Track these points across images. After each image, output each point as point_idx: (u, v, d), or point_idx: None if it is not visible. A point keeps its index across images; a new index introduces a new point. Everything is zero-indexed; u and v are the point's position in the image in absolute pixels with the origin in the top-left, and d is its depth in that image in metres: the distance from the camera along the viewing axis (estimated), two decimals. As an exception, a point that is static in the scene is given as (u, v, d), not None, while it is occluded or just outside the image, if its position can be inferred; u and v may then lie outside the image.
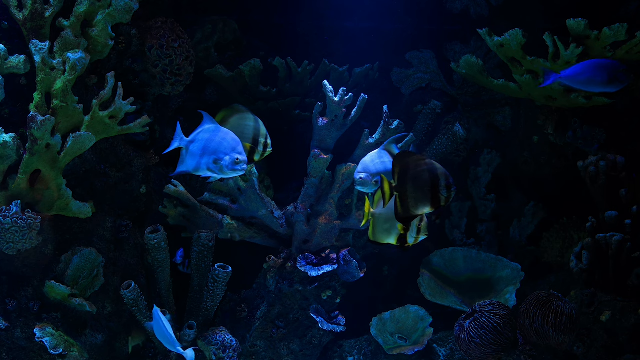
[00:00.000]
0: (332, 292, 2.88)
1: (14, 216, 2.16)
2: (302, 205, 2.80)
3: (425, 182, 2.01)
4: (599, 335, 2.44)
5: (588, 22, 2.43)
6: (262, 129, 2.31)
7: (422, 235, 2.24)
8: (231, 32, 3.13)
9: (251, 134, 2.30)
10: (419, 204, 2.04)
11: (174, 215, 2.79)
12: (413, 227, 2.22)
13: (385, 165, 2.31)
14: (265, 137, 2.31)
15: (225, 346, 2.57)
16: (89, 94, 2.42)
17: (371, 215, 2.27)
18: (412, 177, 2.03)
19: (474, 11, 3.22)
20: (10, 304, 2.35)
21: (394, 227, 2.23)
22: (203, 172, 2.17)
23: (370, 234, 2.30)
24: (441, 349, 2.95)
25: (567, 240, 3.06)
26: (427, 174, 2.01)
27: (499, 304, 2.44)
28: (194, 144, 2.17)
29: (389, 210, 2.20)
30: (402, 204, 2.06)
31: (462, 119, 3.23)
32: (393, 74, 3.39)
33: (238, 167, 2.13)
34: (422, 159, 2.04)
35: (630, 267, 2.50)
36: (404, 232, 2.23)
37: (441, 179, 2.00)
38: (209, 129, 2.18)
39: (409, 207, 2.06)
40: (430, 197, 2.01)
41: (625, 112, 2.85)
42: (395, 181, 2.05)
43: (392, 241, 2.26)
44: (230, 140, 2.15)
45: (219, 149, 2.13)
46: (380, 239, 2.28)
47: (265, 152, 2.32)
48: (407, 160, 2.05)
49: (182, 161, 2.19)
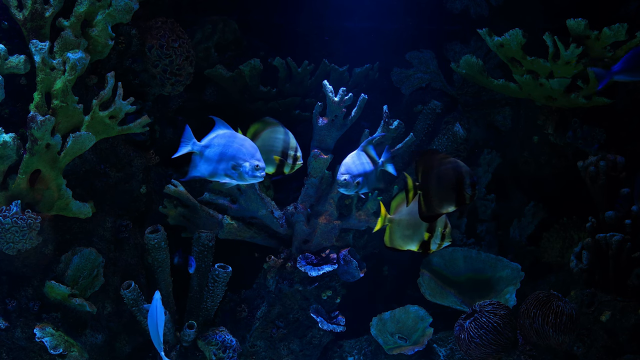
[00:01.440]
0: (332, 292, 2.88)
1: (14, 216, 2.16)
2: (302, 205, 2.80)
3: (450, 180, 1.99)
4: (599, 335, 2.44)
5: (588, 22, 2.43)
6: (292, 141, 2.31)
7: (446, 241, 2.21)
8: (231, 32, 3.13)
9: (280, 146, 2.30)
10: (444, 202, 2.01)
11: (174, 215, 2.79)
12: (437, 233, 2.19)
13: (364, 167, 2.29)
14: (295, 149, 2.30)
15: (225, 346, 2.57)
16: (89, 94, 2.42)
17: (388, 220, 2.23)
18: (436, 175, 2.01)
19: (474, 11, 3.22)
20: (10, 304, 2.35)
21: (416, 234, 2.20)
22: (220, 178, 2.15)
23: (387, 240, 2.26)
24: (441, 349, 2.95)
25: (567, 240, 3.06)
26: (452, 172, 2.00)
27: (499, 304, 2.44)
28: (210, 149, 2.14)
29: (410, 216, 2.17)
30: (426, 202, 2.04)
31: (462, 119, 3.23)
32: (393, 74, 3.38)
33: (258, 174, 2.11)
34: (446, 157, 2.02)
35: (630, 267, 2.50)
36: (428, 239, 2.20)
37: (466, 177, 1.99)
38: (225, 135, 2.16)
39: (433, 205, 2.04)
40: (456, 196, 1.99)
41: (625, 112, 2.85)
42: (419, 179, 2.03)
43: (412, 247, 2.22)
44: (249, 147, 2.13)
45: (237, 155, 2.11)
46: (398, 245, 2.24)
47: (295, 165, 2.31)
48: (431, 158, 2.03)
49: (195, 166, 2.16)
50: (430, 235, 2.19)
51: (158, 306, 2.26)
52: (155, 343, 2.26)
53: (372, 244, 3.21)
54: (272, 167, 2.32)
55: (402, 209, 2.24)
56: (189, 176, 2.18)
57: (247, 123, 2.43)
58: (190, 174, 2.18)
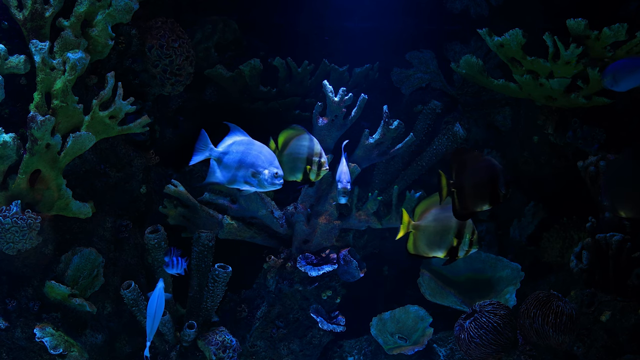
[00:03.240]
0: (332, 292, 2.88)
1: (14, 216, 2.16)
2: (302, 205, 2.80)
3: (485, 178, 1.97)
4: (599, 335, 2.44)
5: (588, 22, 2.43)
6: (316, 147, 2.30)
7: (474, 248, 2.19)
8: (231, 32, 3.13)
9: (305, 153, 2.29)
10: (478, 200, 2.00)
11: (174, 215, 2.79)
12: (466, 239, 2.17)
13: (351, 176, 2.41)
14: (320, 155, 2.30)
15: (225, 346, 2.57)
16: (89, 94, 2.42)
17: (413, 227, 2.22)
18: (471, 173, 1.99)
19: (474, 11, 3.22)
20: (10, 304, 2.35)
21: (443, 240, 2.18)
22: (239, 185, 2.15)
23: (411, 247, 2.23)
24: (441, 349, 2.95)
25: (567, 240, 3.06)
26: (487, 170, 1.98)
27: (499, 304, 2.44)
28: (228, 155, 2.15)
29: (437, 222, 2.15)
30: (460, 200, 2.02)
31: (462, 119, 3.23)
32: (393, 74, 3.38)
33: (277, 181, 2.12)
34: (479, 155, 2.01)
35: (630, 267, 2.50)
36: (456, 245, 2.18)
37: (500, 175, 1.97)
38: (242, 141, 2.16)
39: (467, 204, 2.02)
40: (490, 194, 1.98)
41: (625, 112, 2.85)
42: (453, 177, 2.02)
43: (439, 254, 2.20)
44: (267, 154, 2.14)
45: (256, 163, 2.11)
46: (423, 252, 2.22)
47: (320, 172, 2.31)
48: (465, 156, 2.02)
49: (213, 172, 2.16)
50: (458, 241, 2.16)
51: (160, 295, 2.26)
52: (148, 331, 2.25)
53: (372, 244, 3.21)
54: (299, 174, 2.32)
55: (427, 215, 2.22)
56: (206, 182, 2.20)
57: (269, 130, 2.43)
58: (208, 180, 2.19)
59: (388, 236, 3.26)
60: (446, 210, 2.17)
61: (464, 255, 2.19)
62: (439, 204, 2.17)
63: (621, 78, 2.19)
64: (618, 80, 2.19)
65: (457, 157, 2.02)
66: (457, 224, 2.16)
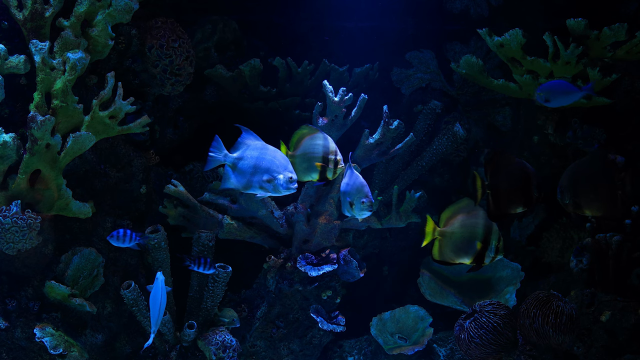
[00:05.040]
0: (332, 292, 2.88)
1: (14, 216, 2.16)
2: (302, 205, 2.80)
3: (519, 181, 1.98)
4: (599, 335, 2.43)
5: (588, 22, 2.43)
6: (331, 145, 2.29)
7: (500, 254, 2.19)
8: (231, 32, 3.13)
9: (321, 152, 2.28)
10: (513, 203, 2.01)
11: (174, 215, 2.79)
12: (492, 246, 2.18)
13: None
14: (335, 153, 2.29)
15: (225, 346, 2.57)
16: (89, 94, 2.42)
17: (439, 234, 2.21)
18: (505, 175, 2.00)
19: (474, 11, 3.22)
20: (10, 304, 2.35)
21: (470, 246, 2.18)
22: (254, 190, 2.16)
23: (436, 253, 2.22)
24: (441, 349, 2.95)
25: (567, 240, 3.06)
26: (521, 172, 1.99)
27: (499, 304, 2.44)
28: (243, 161, 2.15)
29: (464, 228, 2.15)
30: (494, 202, 2.03)
31: (462, 119, 3.23)
32: (393, 74, 3.38)
33: (292, 186, 2.13)
34: (512, 157, 2.02)
35: (630, 267, 2.49)
36: (481, 250, 2.18)
37: (534, 178, 1.98)
38: (256, 146, 2.17)
39: (501, 206, 2.03)
40: (524, 196, 1.98)
41: (625, 112, 2.85)
42: (488, 179, 2.02)
43: (465, 261, 2.20)
44: (281, 159, 2.15)
45: (271, 168, 2.12)
46: (449, 259, 2.22)
47: (337, 170, 2.30)
48: (499, 158, 2.03)
49: (228, 178, 2.17)
50: (483, 247, 2.17)
51: (162, 287, 2.26)
52: (153, 321, 2.25)
53: (372, 244, 3.21)
54: (315, 174, 2.32)
55: (454, 221, 2.22)
56: (221, 188, 2.21)
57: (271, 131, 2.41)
58: (223, 186, 2.20)
59: (388, 236, 3.26)
60: (472, 217, 2.18)
61: (489, 262, 2.18)
62: (465, 210, 2.18)
63: (553, 97, 2.38)
64: (549, 99, 2.39)
65: (492, 160, 2.03)
66: (483, 230, 2.18)
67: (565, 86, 2.38)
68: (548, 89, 2.37)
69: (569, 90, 2.36)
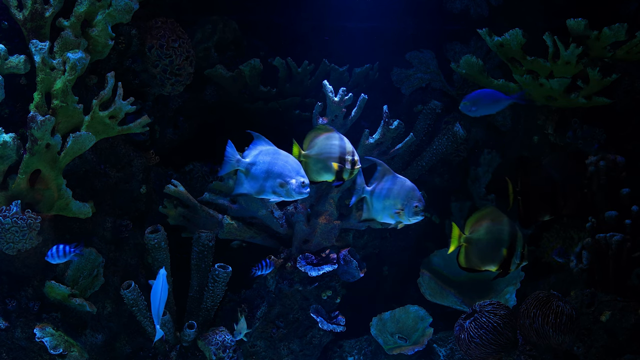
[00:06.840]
0: (332, 292, 2.88)
1: (14, 216, 2.17)
2: (302, 205, 2.80)
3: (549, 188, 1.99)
4: (599, 335, 2.43)
5: (588, 22, 2.43)
6: (348, 145, 2.27)
7: (525, 261, 2.19)
8: (231, 32, 3.13)
9: (337, 152, 2.27)
10: (543, 209, 2.01)
11: (174, 215, 2.79)
12: (517, 252, 2.17)
13: None
14: (352, 153, 2.26)
15: (225, 346, 2.57)
16: (89, 94, 2.42)
17: (465, 240, 2.21)
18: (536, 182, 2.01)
19: (474, 11, 3.22)
20: (10, 304, 2.35)
21: (496, 253, 2.18)
22: (267, 195, 2.16)
23: (463, 260, 2.22)
24: (441, 349, 2.95)
25: (567, 240, 3.06)
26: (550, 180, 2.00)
27: (499, 304, 2.44)
28: (256, 166, 2.15)
29: (490, 235, 2.15)
30: (525, 208, 2.04)
31: (462, 119, 3.23)
32: (393, 74, 3.39)
33: (304, 190, 2.13)
34: (539, 164, 2.03)
35: (630, 267, 2.49)
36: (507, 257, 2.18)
37: (562, 186, 2.00)
38: (268, 151, 2.17)
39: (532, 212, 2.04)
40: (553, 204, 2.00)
41: (625, 112, 2.85)
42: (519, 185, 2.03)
43: (491, 268, 2.19)
44: (293, 163, 2.15)
45: (284, 172, 2.12)
46: (476, 266, 2.21)
47: (354, 170, 2.28)
48: (528, 165, 2.03)
49: (241, 183, 2.17)
50: (510, 253, 2.17)
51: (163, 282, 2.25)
52: (154, 315, 2.24)
53: (372, 244, 3.21)
54: (331, 174, 2.30)
55: (479, 228, 2.22)
56: (235, 193, 2.20)
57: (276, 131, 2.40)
58: (236, 192, 2.19)
59: (388, 236, 3.26)
60: (497, 223, 2.18)
61: (515, 268, 2.18)
62: (489, 216, 2.18)
63: (479, 107, 2.47)
64: (475, 108, 2.49)
65: (521, 165, 2.04)
66: (509, 237, 2.18)
67: (491, 95, 2.46)
68: (474, 99, 2.46)
69: (495, 99, 2.45)
